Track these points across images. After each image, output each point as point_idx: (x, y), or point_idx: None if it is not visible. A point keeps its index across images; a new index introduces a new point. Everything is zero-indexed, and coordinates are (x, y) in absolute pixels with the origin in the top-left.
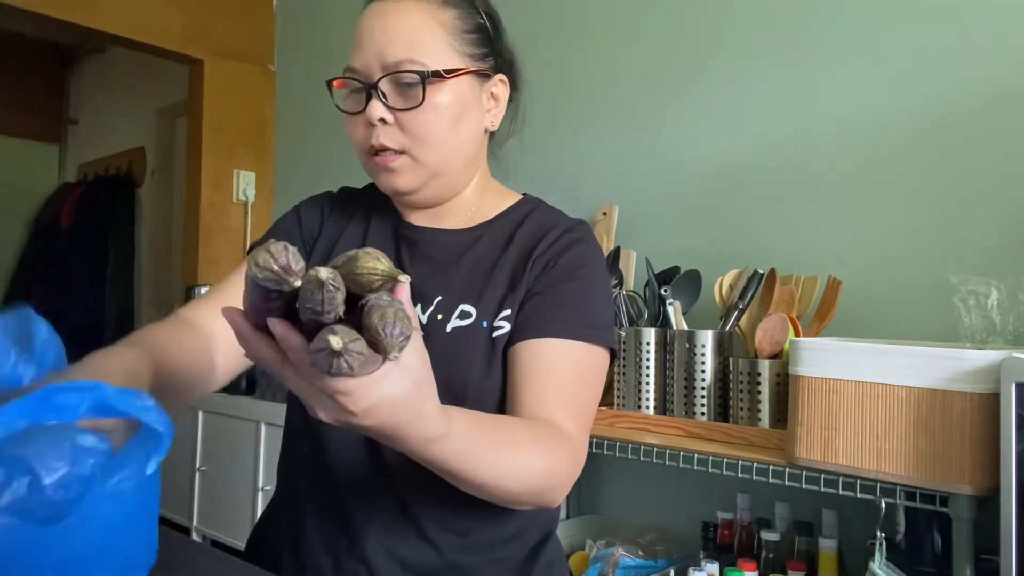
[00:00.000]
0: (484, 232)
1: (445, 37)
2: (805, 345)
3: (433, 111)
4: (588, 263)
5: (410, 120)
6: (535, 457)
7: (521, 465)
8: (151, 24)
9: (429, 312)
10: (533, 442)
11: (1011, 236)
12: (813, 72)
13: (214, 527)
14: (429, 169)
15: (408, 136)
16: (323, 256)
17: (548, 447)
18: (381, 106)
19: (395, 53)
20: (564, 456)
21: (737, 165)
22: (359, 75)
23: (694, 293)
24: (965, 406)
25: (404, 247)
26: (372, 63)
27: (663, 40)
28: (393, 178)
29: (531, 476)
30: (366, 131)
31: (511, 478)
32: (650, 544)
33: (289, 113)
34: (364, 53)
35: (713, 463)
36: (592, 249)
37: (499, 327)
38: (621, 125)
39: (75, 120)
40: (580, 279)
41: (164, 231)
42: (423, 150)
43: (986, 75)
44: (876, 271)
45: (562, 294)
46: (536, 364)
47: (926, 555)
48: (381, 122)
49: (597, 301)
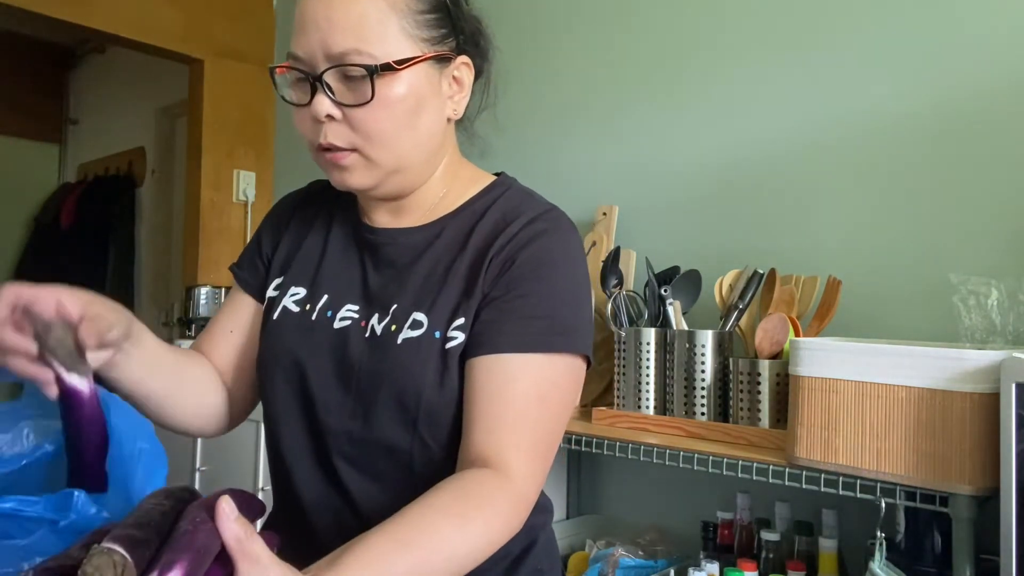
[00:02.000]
0: (446, 226)
1: (397, 21)
2: (805, 345)
3: (384, 107)
4: (554, 259)
5: (360, 117)
6: (466, 541)
7: (454, 556)
8: (151, 24)
9: (384, 323)
10: (458, 527)
11: (1011, 236)
12: (813, 73)
13: None
14: (383, 168)
15: (358, 134)
16: (279, 268)
17: (478, 520)
18: (328, 101)
19: (340, 43)
20: (499, 516)
21: (737, 165)
22: (302, 64)
23: (694, 293)
24: (965, 406)
25: (366, 253)
26: (315, 52)
27: (663, 40)
28: (345, 176)
29: (472, 556)
30: (313, 126)
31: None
32: (650, 544)
33: (289, 113)
34: (308, 40)
35: (713, 463)
36: (560, 241)
37: (452, 337)
38: (621, 125)
39: (75, 120)
40: (543, 279)
41: (164, 231)
42: (375, 149)
43: (986, 75)
44: (876, 271)
45: (521, 299)
46: (488, 385)
47: (926, 555)
48: (328, 118)
49: (565, 302)
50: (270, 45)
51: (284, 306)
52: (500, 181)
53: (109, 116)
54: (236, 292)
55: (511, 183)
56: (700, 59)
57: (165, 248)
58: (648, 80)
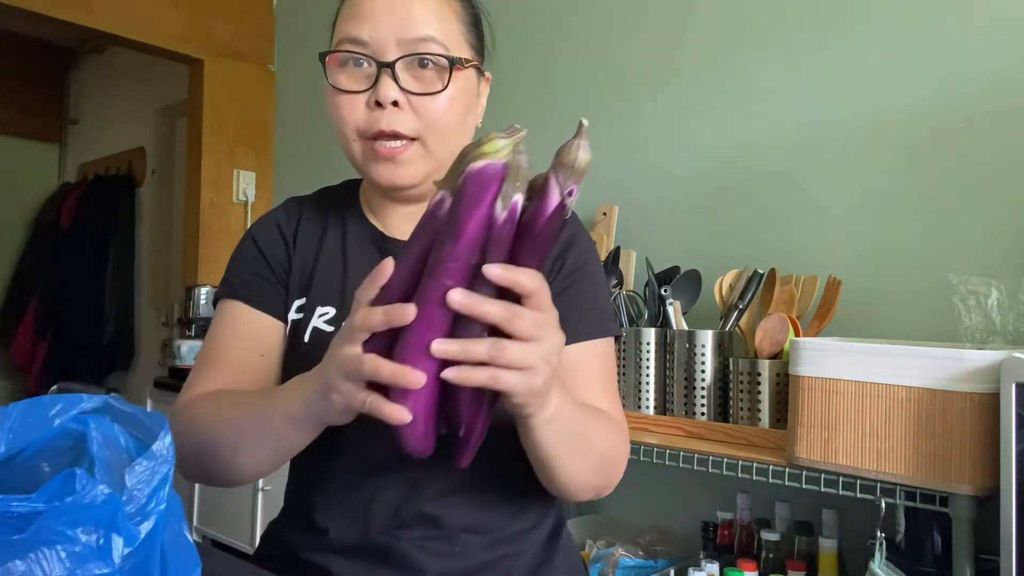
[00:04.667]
0: None
1: (458, 24)
2: (805, 345)
3: (452, 99)
4: (591, 257)
5: (428, 106)
6: (607, 428)
7: (607, 437)
8: (151, 24)
9: None
10: (601, 414)
11: (1011, 236)
12: (813, 73)
13: (214, 527)
14: (435, 160)
15: (423, 122)
16: (298, 289)
17: (611, 420)
18: (395, 87)
19: (419, 30)
20: (620, 433)
21: (737, 165)
22: (367, 49)
23: (694, 293)
24: (965, 406)
25: None
26: (387, 38)
27: (663, 41)
28: (398, 170)
29: (611, 447)
30: (369, 113)
31: (598, 441)
32: (650, 544)
33: (289, 113)
34: (377, 24)
35: (713, 463)
36: (586, 239)
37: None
38: (621, 125)
39: (75, 120)
40: (588, 276)
41: (164, 231)
42: (436, 139)
43: (986, 76)
44: (876, 271)
45: (577, 295)
46: (567, 369)
47: (926, 555)
48: (393, 104)
49: (603, 293)
50: (270, 45)
51: (315, 327)
52: None
53: (109, 116)
54: (247, 312)
55: None
56: (700, 59)
57: (165, 248)
58: (648, 80)
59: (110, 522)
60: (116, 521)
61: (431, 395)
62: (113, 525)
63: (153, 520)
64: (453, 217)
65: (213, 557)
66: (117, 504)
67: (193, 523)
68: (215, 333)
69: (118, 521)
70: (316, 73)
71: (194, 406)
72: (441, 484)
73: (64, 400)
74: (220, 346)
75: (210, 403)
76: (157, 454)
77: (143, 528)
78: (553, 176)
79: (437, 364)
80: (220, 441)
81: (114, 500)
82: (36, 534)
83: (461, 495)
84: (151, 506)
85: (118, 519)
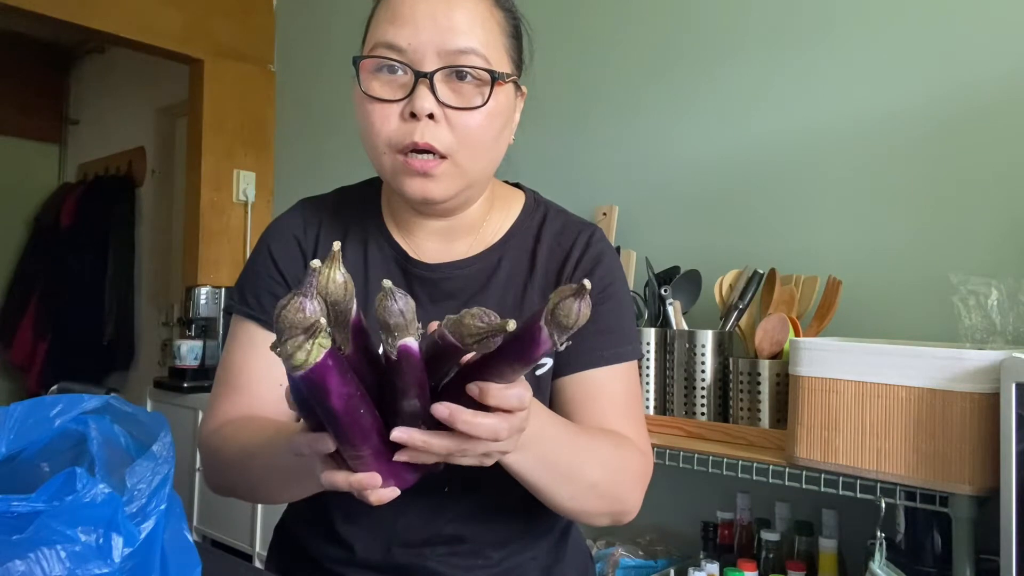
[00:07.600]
0: (502, 254)
1: (500, 36)
2: (805, 345)
3: (490, 115)
4: (615, 278)
5: (465, 121)
6: (615, 455)
7: (608, 461)
8: (151, 24)
9: None
10: (615, 446)
11: (1011, 236)
12: (814, 73)
13: (214, 527)
14: (468, 178)
15: (457, 138)
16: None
17: (624, 447)
18: (433, 98)
19: (461, 41)
20: (637, 454)
21: (737, 165)
22: (404, 56)
23: (694, 293)
24: (965, 406)
25: (418, 287)
26: (426, 46)
27: (663, 40)
28: (429, 185)
29: (618, 467)
30: (402, 124)
31: (590, 469)
32: (650, 544)
33: (289, 113)
34: (417, 32)
35: (713, 463)
36: (612, 257)
37: (541, 364)
38: (621, 125)
39: (75, 120)
40: (611, 298)
41: (164, 231)
42: (469, 157)
43: (986, 76)
44: (876, 271)
45: (600, 319)
46: (587, 394)
47: (926, 555)
48: (429, 117)
49: (627, 315)
50: (270, 45)
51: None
52: (533, 200)
53: (109, 116)
54: (264, 336)
55: (543, 201)
56: (700, 59)
57: (165, 248)
58: (648, 80)
59: (110, 522)
60: (116, 521)
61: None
62: (113, 525)
63: (153, 520)
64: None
65: (213, 557)
66: (117, 504)
67: (193, 523)
68: (232, 355)
69: (118, 521)
70: (316, 73)
71: (218, 438)
72: (462, 506)
73: (65, 400)
74: (239, 372)
75: (231, 442)
76: (157, 454)
77: (143, 528)
78: (546, 330)
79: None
80: (249, 478)
81: (114, 500)
82: (36, 534)
83: (483, 513)
84: (151, 506)
85: (118, 519)
